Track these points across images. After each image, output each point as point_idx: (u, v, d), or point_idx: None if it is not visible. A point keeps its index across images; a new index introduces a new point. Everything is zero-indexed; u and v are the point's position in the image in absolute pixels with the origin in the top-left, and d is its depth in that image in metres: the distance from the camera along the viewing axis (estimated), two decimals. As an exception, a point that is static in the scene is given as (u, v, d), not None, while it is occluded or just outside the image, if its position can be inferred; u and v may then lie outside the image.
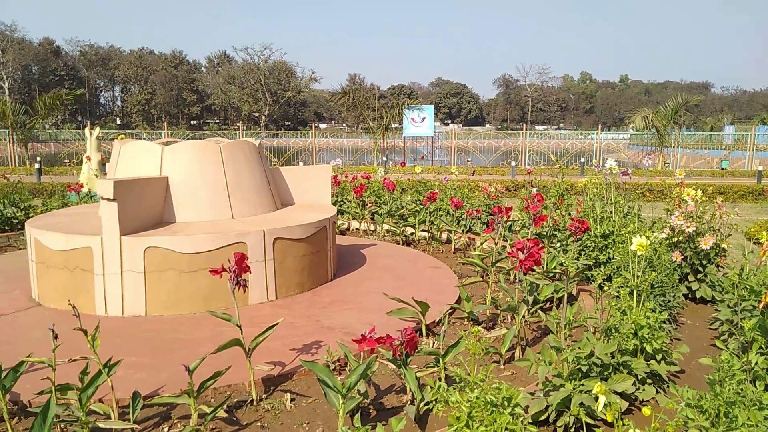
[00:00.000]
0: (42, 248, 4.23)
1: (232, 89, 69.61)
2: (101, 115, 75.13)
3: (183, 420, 2.71)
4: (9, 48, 63.74)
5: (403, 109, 25.35)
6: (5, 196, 7.54)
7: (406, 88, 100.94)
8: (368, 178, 9.54)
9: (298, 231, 4.63)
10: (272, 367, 3.13)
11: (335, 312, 4.21)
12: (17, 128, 21.70)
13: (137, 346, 3.50)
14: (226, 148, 4.91)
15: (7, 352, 3.31)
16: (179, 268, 4.06)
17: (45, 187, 11.96)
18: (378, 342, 2.60)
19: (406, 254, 6.23)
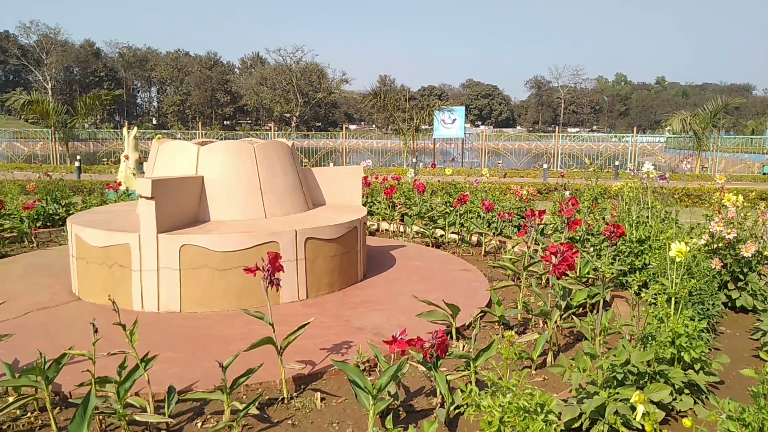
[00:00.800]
0: (82, 244, 4.36)
1: (264, 90, 70.57)
2: (138, 115, 77.10)
3: (216, 415, 2.76)
4: (53, 50, 65.98)
5: (433, 110, 25.28)
6: (48, 193, 7.81)
7: (436, 89, 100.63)
8: (398, 179, 9.54)
9: (329, 231, 4.66)
10: (303, 365, 3.16)
11: (365, 313, 4.22)
12: (59, 128, 22.45)
13: (172, 342, 3.58)
14: (260, 149, 4.98)
15: (49, 344, 3.43)
16: (213, 266, 4.14)
17: (84, 185, 12.34)
18: (409, 344, 2.60)
19: (436, 256, 6.21)
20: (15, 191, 7.84)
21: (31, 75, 69.27)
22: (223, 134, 33.96)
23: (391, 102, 25.71)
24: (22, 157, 25.53)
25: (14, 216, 6.68)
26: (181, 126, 66.07)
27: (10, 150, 27.12)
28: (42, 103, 22.45)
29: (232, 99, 76.71)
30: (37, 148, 26.55)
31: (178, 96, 74.64)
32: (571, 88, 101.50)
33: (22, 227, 6.53)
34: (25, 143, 28.06)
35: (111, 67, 76.36)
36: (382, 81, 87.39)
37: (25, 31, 67.53)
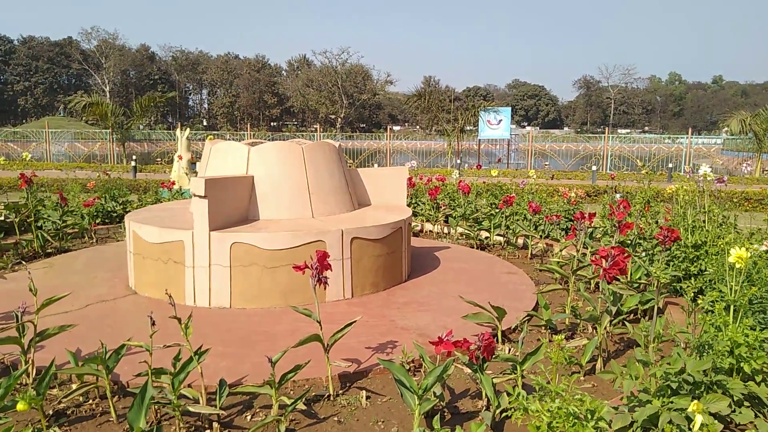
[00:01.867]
0: (139, 240, 4.55)
1: (310, 92, 71.57)
2: (189, 116, 79.62)
3: (264, 409, 2.83)
4: (111, 54, 68.95)
5: (478, 111, 25.03)
6: (106, 192, 8.18)
7: (481, 90, 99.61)
8: (443, 180, 9.51)
9: (374, 231, 4.70)
10: (349, 364, 3.20)
11: (409, 313, 4.23)
12: (117, 129, 23.47)
13: (222, 336, 3.69)
14: (308, 149, 5.06)
15: (108, 335, 3.59)
16: (262, 264, 4.24)
17: (140, 184, 12.86)
18: (455, 345, 2.59)
19: (481, 258, 6.16)
20: (77, 189, 8.24)
21: (91, 78, 72.65)
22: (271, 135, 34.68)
23: (435, 103, 25.63)
24: (82, 156, 26.81)
25: (76, 213, 7.03)
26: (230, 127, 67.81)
27: (71, 150, 28.52)
28: (101, 106, 23.54)
29: (279, 101, 78.16)
30: (95, 148, 27.82)
31: (228, 98, 76.63)
32: (621, 88, 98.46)
33: (83, 224, 6.86)
34: (85, 144, 29.44)
35: (165, 70, 79.17)
36: (427, 82, 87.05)
37: (86, 37, 70.92)
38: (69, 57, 72.85)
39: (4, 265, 5.50)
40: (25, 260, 5.80)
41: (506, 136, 26.48)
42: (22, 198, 6.62)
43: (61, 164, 20.50)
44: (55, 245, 6.29)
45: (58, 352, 3.11)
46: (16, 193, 9.38)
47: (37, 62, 72.78)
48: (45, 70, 73.02)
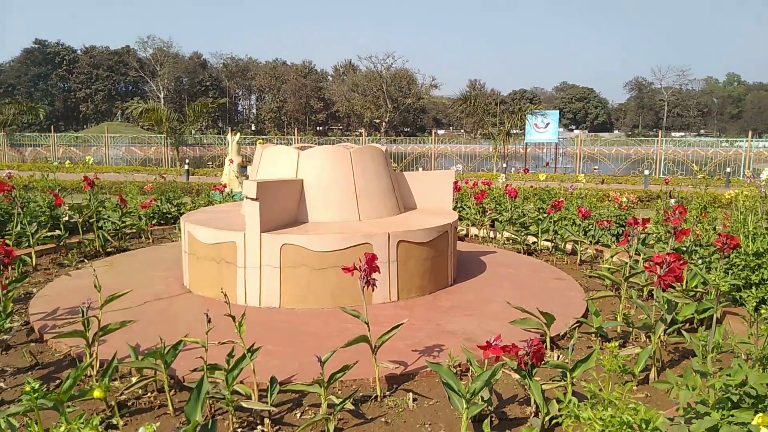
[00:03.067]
0: (194, 241, 4.72)
1: (355, 97, 72.27)
2: (239, 121, 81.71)
3: (313, 408, 2.89)
4: (165, 62, 71.68)
5: (525, 114, 24.67)
6: (162, 194, 8.52)
7: (528, 92, 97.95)
8: (489, 184, 9.43)
9: (420, 235, 4.71)
10: (396, 365, 3.22)
11: (456, 317, 4.22)
12: (171, 133, 24.37)
13: (272, 335, 3.78)
14: (356, 153, 5.13)
15: (164, 331, 3.73)
16: (311, 265, 4.32)
17: (193, 186, 13.31)
18: (503, 350, 2.57)
19: (528, 263, 6.07)
20: (134, 191, 8.62)
21: (146, 85, 75.73)
22: (317, 140, 35.20)
23: (481, 106, 25.42)
24: (138, 160, 27.96)
25: (134, 214, 7.34)
26: (277, 132, 69.23)
27: (128, 154, 29.81)
28: (157, 111, 24.51)
29: (325, 105, 79.25)
30: (150, 152, 28.97)
31: (275, 103, 78.29)
32: (675, 90, 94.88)
33: (140, 224, 7.17)
34: (141, 148, 30.68)
35: (216, 76, 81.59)
36: (472, 85, 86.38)
37: (143, 45, 74.05)
38: (126, 65, 76.15)
39: (69, 263, 5.80)
40: (87, 258, 6.11)
41: (554, 139, 25.98)
42: (84, 199, 6.98)
43: (119, 167, 21.46)
44: (114, 245, 6.60)
45: (119, 347, 3.27)
46: (79, 195, 9.89)
47: (98, 70, 76.39)
48: (104, 77, 76.56)
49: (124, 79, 79.07)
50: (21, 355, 3.52)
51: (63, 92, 76.20)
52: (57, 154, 28.58)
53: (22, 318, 4.13)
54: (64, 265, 5.80)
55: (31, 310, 4.27)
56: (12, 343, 3.69)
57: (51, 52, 75.70)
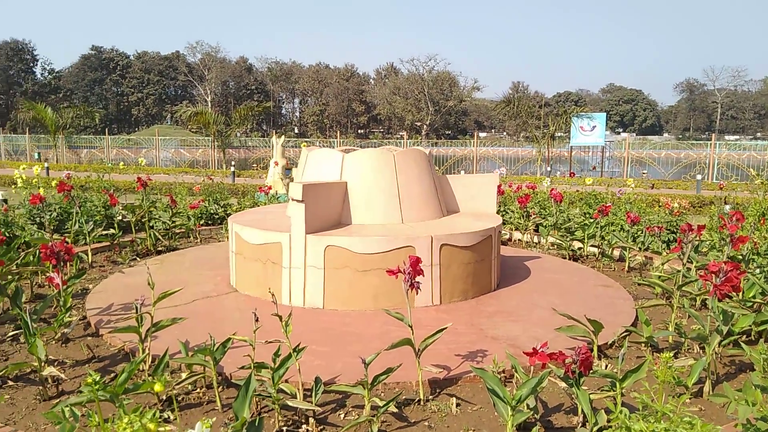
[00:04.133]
0: (241, 241, 4.83)
1: (396, 99, 72.38)
2: (282, 124, 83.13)
3: (357, 409, 2.91)
4: (213, 67, 73.68)
5: (571, 117, 24.14)
6: (210, 195, 8.76)
7: (573, 95, 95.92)
8: (533, 188, 9.28)
9: (463, 238, 4.68)
10: (440, 370, 3.21)
11: (499, 322, 4.17)
12: (217, 136, 25.02)
13: (316, 336, 3.83)
14: (399, 156, 5.15)
15: (212, 329, 3.82)
16: (354, 267, 4.36)
17: (238, 188, 13.63)
18: (550, 357, 2.53)
19: (574, 269, 5.94)
20: (183, 192, 8.89)
21: (194, 89, 78.00)
22: (359, 142, 35.45)
23: (524, 109, 25.02)
24: (186, 162, 28.83)
25: (183, 214, 7.57)
26: (320, 135, 70.05)
27: (177, 156, 30.78)
28: (204, 115, 25.20)
29: (367, 108, 79.72)
30: (197, 155, 29.81)
31: (318, 106, 79.28)
32: (730, 92, 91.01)
33: (189, 224, 7.39)
34: (189, 150, 31.62)
35: (261, 80, 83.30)
36: (515, 87, 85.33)
37: (192, 50, 76.39)
38: (176, 69, 78.68)
39: (123, 260, 6.04)
40: (139, 257, 6.34)
41: (600, 142, 25.32)
42: (137, 199, 7.26)
43: (168, 169, 22.18)
44: (164, 244, 6.82)
45: (170, 343, 3.37)
46: (131, 195, 10.27)
47: (149, 75, 79.23)
48: (155, 82, 79.31)
49: (173, 84, 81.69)
50: (79, 348, 3.68)
51: (116, 96, 79.35)
52: (110, 156, 29.77)
53: (80, 313, 4.32)
54: (117, 262, 6.04)
55: (87, 305, 4.46)
56: (71, 336, 3.87)
57: (106, 58, 79.04)
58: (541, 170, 23.00)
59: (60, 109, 30.42)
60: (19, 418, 2.80)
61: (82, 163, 25.90)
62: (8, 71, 71.03)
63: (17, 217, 6.32)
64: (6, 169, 20.44)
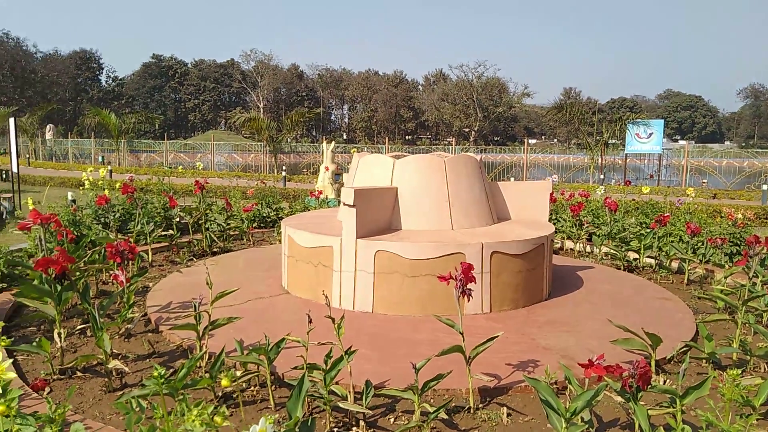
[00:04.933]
0: (293, 244, 4.94)
1: (445, 106, 72.13)
2: (331, 130, 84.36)
3: (406, 414, 2.91)
4: (266, 74, 75.62)
5: (626, 123, 23.42)
6: (262, 199, 8.99)
7: (627, 101, 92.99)
8: (586, 196, 9.05)
9: (515, 246, 4.62)
10: (491, 378, 3.18)
11: (551, 333, 4.09)
12: (269, 141, 25.65)
13: (365, 340, 3.86)
14: (450, 162, 5.14)
15: (265, 329, 3.91)
16: (403, 272, 4.37)
17: (289, 192, 13.92)
18: (607, 370, 2.47)
19: (629, 281, 5.76)
20: (237, 196, 9.16)
21: (248, 96, 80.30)
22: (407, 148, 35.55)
23: (576, 115, 24.45)
24: (239, 166, 29.68)
25: (237, 217, 7.80)
26: (368, 140, 70.59)
27: (230, 160, 31.73)
28: (258, 120, 25.90)
29: (414, 115, 79.81)
30: (249, 159, 30.65)
31: (367, 112, 79.99)
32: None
33: (242, 227, 7.60)
34: (241, 154, 32.55)
35: (311, 87, 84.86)
36: (567, 94, 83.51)
37: (246, 58, 78.68)
38: (230, 77, 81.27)
39: (181, 260, 6.27)
40: (195, 257, 6.57)
41: (657, 150, 24.43)
42: (194, 202, 7.52)
43: (222, 173, 22.90)
44: (219, 245, 7.04)
45: (225, 341, 3.48)
46: (188, 198, 10.66)
47: (205, 82, 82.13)
48: (211, 89, 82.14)
49: (228, 90, 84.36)
50: (141, 343, 3.85)
51: (174, 102, 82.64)
52: (168, 160, 30.99)
53: (141, 310, 4.52)
54: (175, 262, 6.28)
55: (148, 302, 4.65)
56: (133, 332, 4.05)
57: (165, 66, 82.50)
58: (593, 178, 22.39)
59: (122, 114, 31.95)
60: (87, 407, 2.96)
61: (141, 167, 27.07)
62: (76, 79, 75.15)
63: (84, 217, 6.67)
64: (73, 172, 21.62)
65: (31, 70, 68.33)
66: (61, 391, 3.14)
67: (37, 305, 3.53)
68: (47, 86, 69.42)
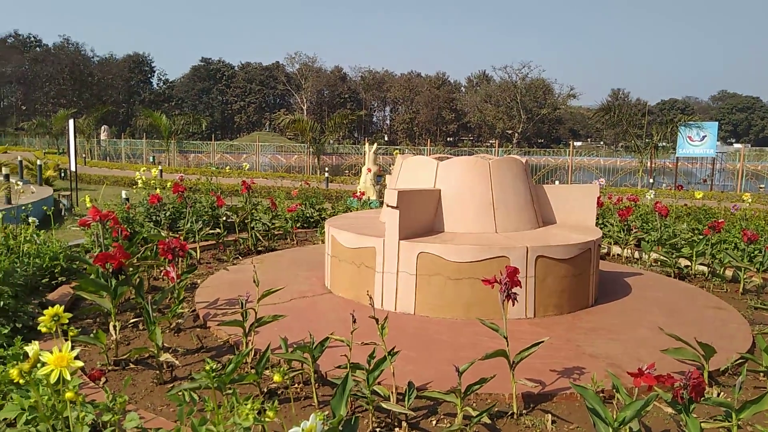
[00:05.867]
0: (337, 244, 4.99)
1: (488, 107, 71.39)
2: (372, 132, 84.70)
3: (448, 417, 2.90)
4: (309, 76, 76.71)
5: (678, 126, 22.60)
6: (306, 199, 9.12)
7: (679, 102, 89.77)
8: (635, 200, 8.80)
9: (561, 251, 4.54)
10: (535, 384, 3.13)
11: (597, 340, 4.00)
12: (312, 143, 26.01)
13: (407, 341, 3.86)
14: (495, 165, 5.09)
15: (308, 328, 3.97)
16: (446, 275, 4.36)
17: (332, 193, 14.07)
18: (657, 380, 2.40)
19: (680, 289, 5.56)
20: (282, 196, 9.33)
21: (292, 98, 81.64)
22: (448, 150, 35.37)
23: (625, 117, 23.76)
24: (282, 167, 30.22)
25: (281, 216, 7.95)
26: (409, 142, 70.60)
27: (274, 161, 32.35)
28: (301, 122, 26.31)
29: (456, 116, 79.34)
30: (292, 160, 31.15)
31: (408, 114, 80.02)
32: None
33: (286, 226, 7.73)
34: (285, 156, 33.13)
35: (354, 89, 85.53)
36: (615, 95, 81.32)
37: (290, 61, 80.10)
38: (275, 79, 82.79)
39: (227, 258, 6.44)
40: (241, 255, 6.73)
41: (711, 153, 23.47)
42: (239, 202, 7.70)
43: (267, 173, 23.33)
44: (264, 244, 7.19)
45: (270, 338, 3.55)
46: (234, 198, 10.92)
47: (251, 84, 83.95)
48: (257, 91, 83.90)
49: (272, 93, 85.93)
50: (190, 338, 3.98)
51: (221, 104, 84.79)
52: (214, 160, 31.85)
53: (189, 305, 4.67)
54: (222, 260, 6.45)
55: (196, 299, 4.80)
56: (182, 326, 4.19)
57: (213, 69, 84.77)
58: (641, 182, 21.72)
59: (172, 116, 33.01)
60: (139, 398, 3.08)
61: (189, 167, 27.89)
62: (129, 82, 78.16)
63: (137, 214, 6.94)
64: (126, 171, 22.49)
65: (89, 74, 71.59)
66: (114, 381, 3.27)
67: (95, 298, 3.70)
68: (103, 89, 72.55)
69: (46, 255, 4.99)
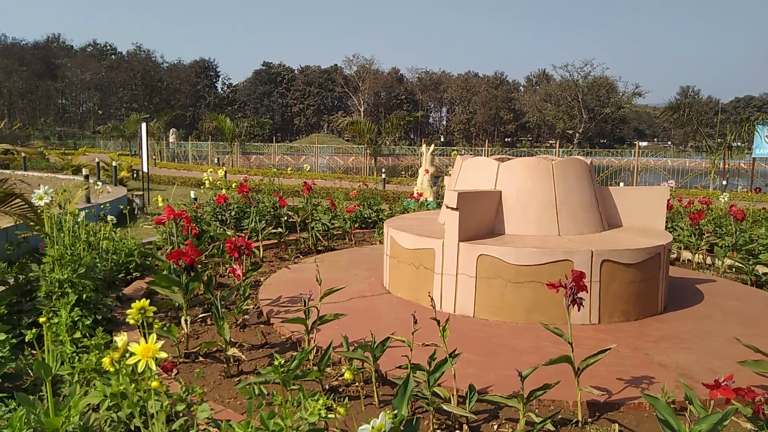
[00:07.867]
0: (395, 245, 5.02)
1: (547, 107, 69.74)
2: (429, 133, 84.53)
3: (510, 422, 2.86)
4: (367, 78, 77.48)
5: (755, 125, 21.26)
6: (364, 200, 9.22)
7: (755, 99, 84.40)
8: (707, 203, 8.36)
9: (627, 255, 4.38)
10: (601, 392, 3.04)
11: (667, 349, 3.83)
12: (370, 144, 26.24)
13: (467, 344, 3.83)
14: (558, 166, 4.97)
15: (368, 327, 4.01)
16: (506, 278, 4.30)
17: (389, 194, 14.15)
18: (736, 393, 2.27)
19: (758, 297, 5.24)
20: (341, 197, 9.47)
21: (349, 100, 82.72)
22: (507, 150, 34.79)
23: (695, 116, 22.59)
24: (340, 168, 30.64)
25: (340, 217, 8.07)
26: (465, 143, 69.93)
27: (332, 162, 32.87)
28: (359, 124, 26.60)
29: (515, 116, 77.94)
30: (350, 162, 31.53)
31: (465, 115, 79.33)
32: None
33: (345, 227, 7.85)
34: (342, 157, 33.57)
35: (410, 90, 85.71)
36: (684, 93, 77.52)
37: (348, 63, 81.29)
38: (333, 82, 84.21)
39: (289, 257, 6.61)
40: (301, 254, 6.88)
41: (792, 154, 21.89)
42: (300, 202, 7.88)
43: (325, 174, 23.76)
44: (323, 244, 7.33)
45: (331, 336, 3.61)
46: (294, 198, 11.17)
47: (310, 87, 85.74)
48: (315, 94, 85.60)
49: (331, 95, 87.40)
50: (254, 334, 4.12)
51: (281, 107, 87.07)
52: (275, 161, 32.70)
53: (254, 302, 4.82)
54: (283, 258, 6.62)
55: (260, 296, 4.95)
56: (248, 322, 4.33)
57: (274, 73, 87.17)
58: (713, 184, 20.58)
59: (236, 119, 34.18)
60: (208, 390, 3.21)
61: (251, 168, 28.76)
62: (196, 86, 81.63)
63: (204, 214, 7.23)
64: (192, 172, 23.47)
65: (159, 79, 75.38)
66: (184, 373, 3.43)
67: (167, 293, 3.89)
68: (171, 93, 76.18)
69: (123, 251, 5.29)
